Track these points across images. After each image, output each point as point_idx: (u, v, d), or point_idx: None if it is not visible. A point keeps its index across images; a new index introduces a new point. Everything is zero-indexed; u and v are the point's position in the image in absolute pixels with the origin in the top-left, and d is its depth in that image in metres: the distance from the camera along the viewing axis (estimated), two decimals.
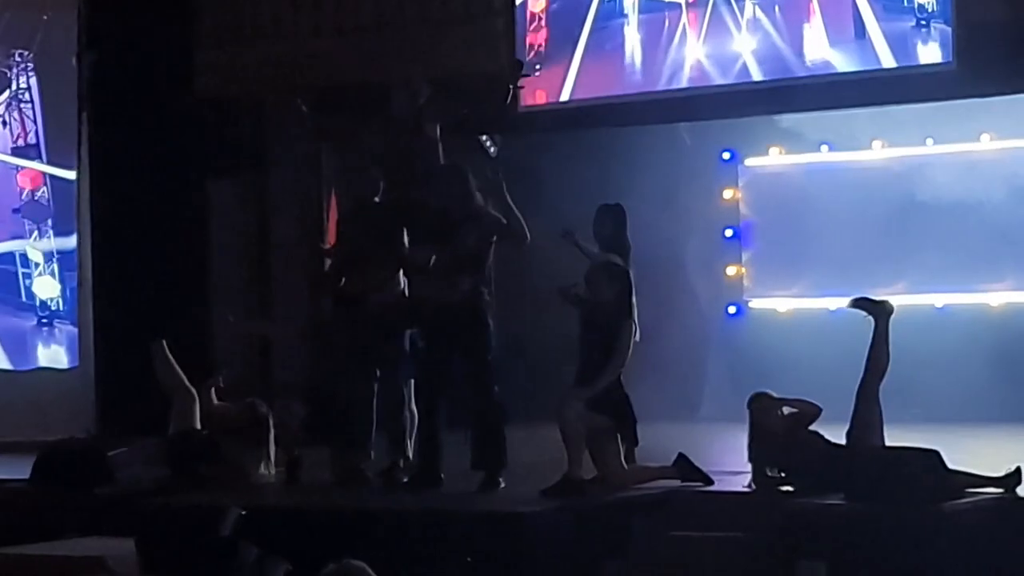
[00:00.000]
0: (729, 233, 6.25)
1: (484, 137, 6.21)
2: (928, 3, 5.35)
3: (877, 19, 5.49)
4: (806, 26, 5.64)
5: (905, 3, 5.40)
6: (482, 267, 4.19)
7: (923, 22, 5.42)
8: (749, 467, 4.14)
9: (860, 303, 4.12)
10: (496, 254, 4.34)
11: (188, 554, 3.86)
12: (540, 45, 6.13)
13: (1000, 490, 3.75)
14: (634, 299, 4.26)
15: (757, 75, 5.70)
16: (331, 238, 5.91)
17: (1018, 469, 3.72)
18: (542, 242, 4.55)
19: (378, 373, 4.43)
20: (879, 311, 4.07)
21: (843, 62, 5.58)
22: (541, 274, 5.55)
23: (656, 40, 5.91)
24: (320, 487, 4.82)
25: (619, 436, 4.13)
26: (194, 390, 5.06)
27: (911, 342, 4.55)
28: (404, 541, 4.01)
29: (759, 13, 5.72)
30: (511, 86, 5.18)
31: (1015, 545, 3.62)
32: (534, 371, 5.95)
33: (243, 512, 3.87)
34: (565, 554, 4.05)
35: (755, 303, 6.18)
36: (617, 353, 4.11)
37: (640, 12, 5.96)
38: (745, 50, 5.66)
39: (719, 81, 5.79)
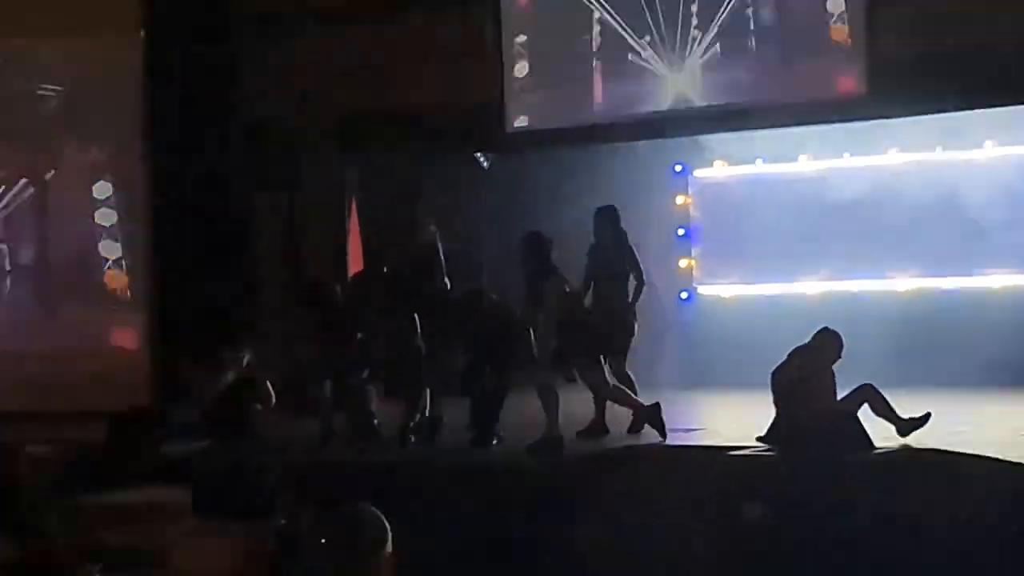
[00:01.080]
0: (681, 232, 7.35)
1: (479, 153, 7.49)
2: (844, 43, 6.39)
3: (805, 54, 6.56)
4: (745, 58, 6.66)
5: (826, 43, 6.45)
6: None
7: (840, 58, 6.42)
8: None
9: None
10: None
11: (234, 500, 4.53)
12: (523, 76, 7.07)
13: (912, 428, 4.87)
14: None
15: (706, 101, 6.67)
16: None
17: (928, 413, 4.81)
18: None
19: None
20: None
21: (776, 90, 6.56)
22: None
23: (622, 71, 6.86)
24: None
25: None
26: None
27: (833, 322, 5.49)
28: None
29: (709, 53, 6.68)
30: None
31: (913, 486, 4.65)
32: None
33: (279, 467, 4.67)
34: (547, 499, 5.09)
35: (703, 289, 7.30)
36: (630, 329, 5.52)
37: (605, 49, 6.90)
38: (697, 81, 6.67)
39: (673, 106, 6.71)
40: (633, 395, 5.48)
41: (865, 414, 5.11)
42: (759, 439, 5.25)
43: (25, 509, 4.58)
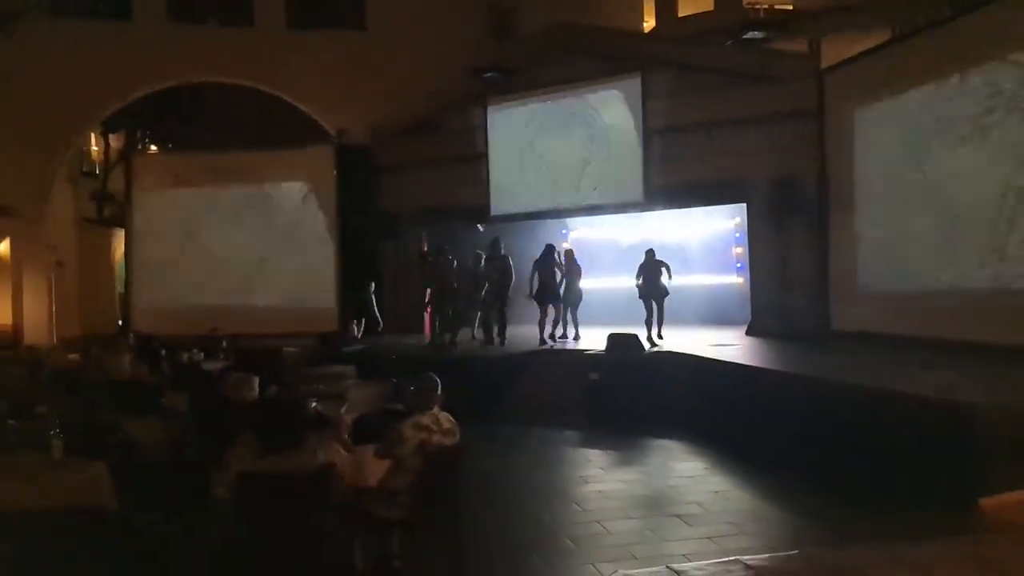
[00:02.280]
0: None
1: (478, 224, 15.68)
2: (632, 177, 14.56)
3: (622, 187, 14.69)
4: (601, 191, 14.96)
5: (634, 182, 14.66)
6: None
7: (631, 185, 14.58)
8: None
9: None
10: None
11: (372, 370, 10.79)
12: (495, 189, 15.19)
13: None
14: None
15: (577, 204, 15.04)
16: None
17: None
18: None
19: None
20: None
21: (609, 199, 14.90)
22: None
23: (542, 189, 15.14)
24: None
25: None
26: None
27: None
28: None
29: (585, 190, 14.97)
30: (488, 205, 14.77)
31: (660, 368, 10.10)
32: None
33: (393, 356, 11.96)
34: (508, 371, 11.20)
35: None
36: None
37: (536, 181, 15.30)
38: (577, 197, 15.02)
39: (563, 205, 15.08)
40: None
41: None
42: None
43: (286, 376, 8.60)
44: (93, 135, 19.51)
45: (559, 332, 12.34)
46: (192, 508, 4.69)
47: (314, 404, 5.12)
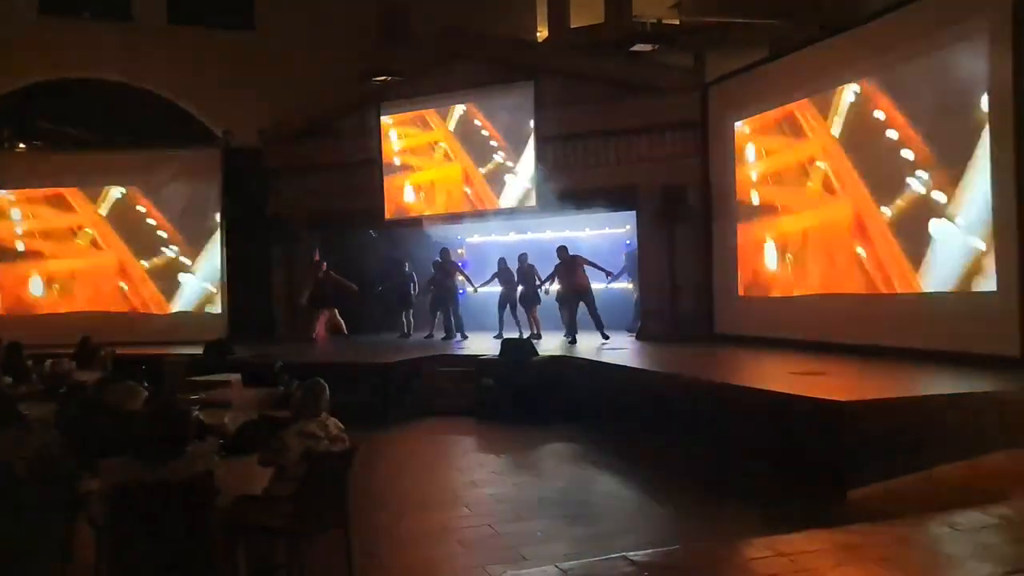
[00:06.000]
0: (461, 264, 15.23)
1: (371, 231, 15.61)
2: (526, 183, 14.68)
3: (519, 195, 14.90)
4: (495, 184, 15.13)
5: (517, 183, 14.82)
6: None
7: (525, 191, 14.83)
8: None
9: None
10: None
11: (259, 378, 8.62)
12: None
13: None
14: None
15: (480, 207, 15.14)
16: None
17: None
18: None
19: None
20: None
21: (502, 202, 14.94)
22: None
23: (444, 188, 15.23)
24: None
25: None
26: None
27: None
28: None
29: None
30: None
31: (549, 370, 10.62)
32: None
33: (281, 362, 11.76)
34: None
35: (469, 288, 15.34)
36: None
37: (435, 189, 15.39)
38: (480, 193, 15.14)
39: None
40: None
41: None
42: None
43: (166, 385, 8.91)
44: None
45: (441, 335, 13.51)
46: (61, 524, 4.44)
47: (196, 413, 4.95)
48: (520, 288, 13.16)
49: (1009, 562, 4.19)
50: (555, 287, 12.92)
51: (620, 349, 11.20)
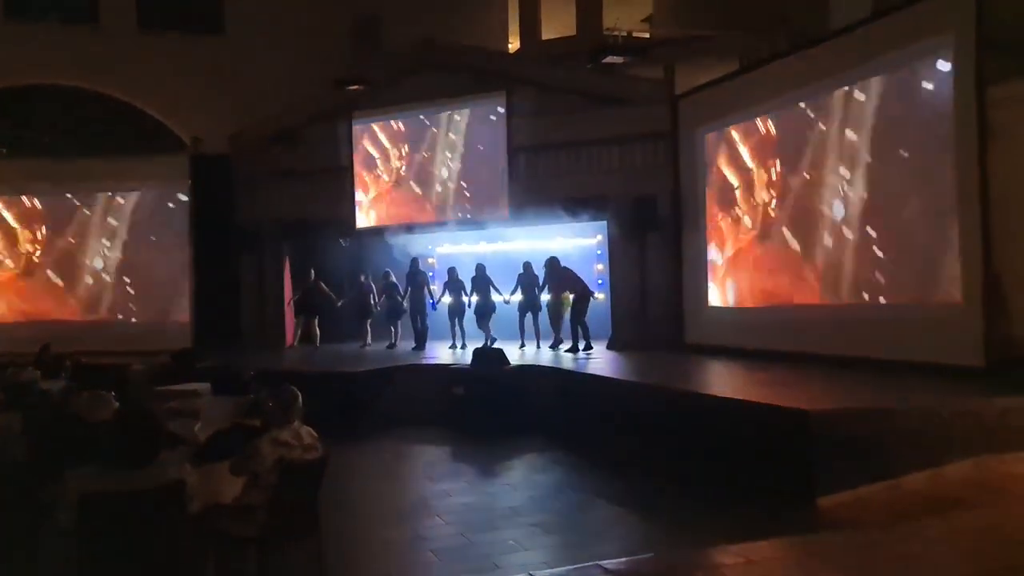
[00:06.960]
0: (431, 273, 15.09)
1: (341, 239, 15.53)
2: (497, 193, 14.74)
3: (488, 204, 14.93)
4: (471, 206, 14.97)
5: (497, 199, 14.83)
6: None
7: (497, 201, 14.83)
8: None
9: None
10: None
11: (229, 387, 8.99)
12: (360, 203, 15.13)
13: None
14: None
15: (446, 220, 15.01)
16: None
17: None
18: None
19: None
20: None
21: (480, 215, 14.89)
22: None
23: (407, 206, 15.15)
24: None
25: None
26: None
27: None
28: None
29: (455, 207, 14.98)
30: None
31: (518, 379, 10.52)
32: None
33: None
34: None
35: (444, 299, 15.31)
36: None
37: (403, 197, 15.31)
38: (446, 213, 15.04)
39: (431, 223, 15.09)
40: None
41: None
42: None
43: (131, 394, 7.66)
44: None
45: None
46: (29, 534, 4.35)
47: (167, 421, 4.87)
48: (475, 298, 13.00)
49: (976, 570, 4.26)
50: (546, 296, 12.83)
51: (590, 358, 11.23)
